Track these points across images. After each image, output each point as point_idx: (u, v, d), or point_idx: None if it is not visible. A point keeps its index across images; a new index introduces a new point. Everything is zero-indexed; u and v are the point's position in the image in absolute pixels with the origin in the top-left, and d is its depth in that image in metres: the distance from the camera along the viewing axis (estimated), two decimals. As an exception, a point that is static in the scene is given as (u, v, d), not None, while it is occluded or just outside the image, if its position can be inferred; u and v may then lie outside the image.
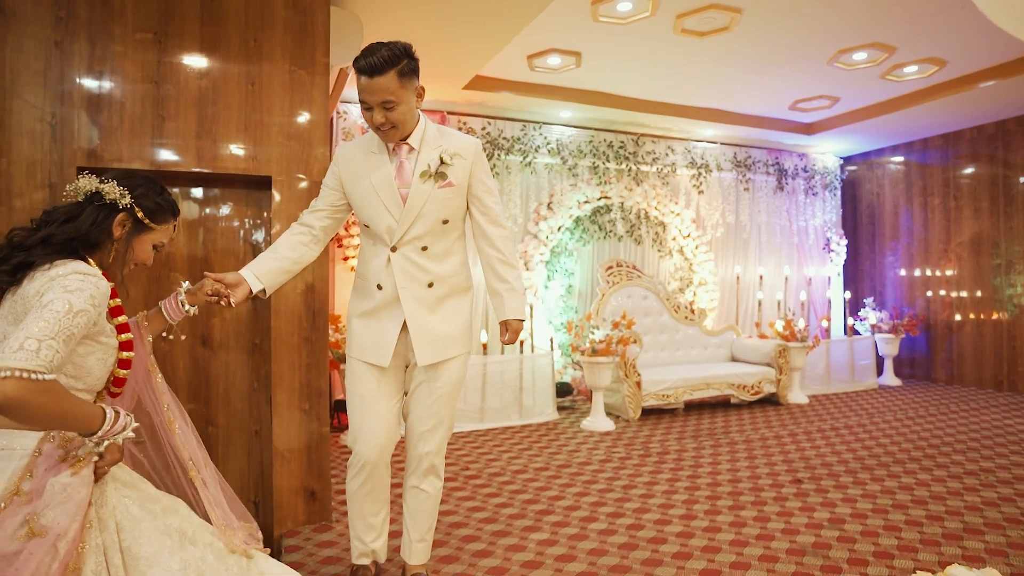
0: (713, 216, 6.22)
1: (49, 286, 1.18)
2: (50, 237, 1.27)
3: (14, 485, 1.14)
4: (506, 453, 3.79)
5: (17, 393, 1.02)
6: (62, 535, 1.13)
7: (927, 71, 4.67)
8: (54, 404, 1.08)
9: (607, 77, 4.84)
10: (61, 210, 1.33)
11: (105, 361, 1.31)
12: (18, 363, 1.04)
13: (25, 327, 1.09)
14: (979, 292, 5.97)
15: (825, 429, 4.31)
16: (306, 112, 2.63)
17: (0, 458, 1.17)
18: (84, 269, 1.23)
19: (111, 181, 1.35)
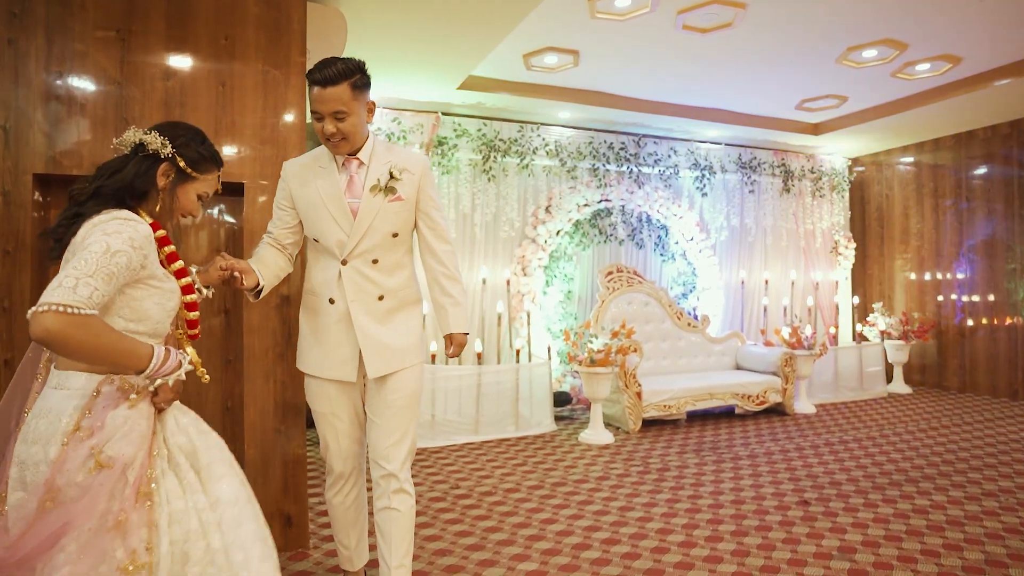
0: (717, 219, 6.04)
1: (91, 231, 1.25)
2: (100, 189, 1.33)
3: (75, 422, 1.20)
4: (499, 469, 3.63)
5: (56, 326, 1.09)
6: (129, 463, 1.20)
7: (940, 69, 4.48)
8: (92, 338, 1.14)
9: (606, 76, 4.68)
10: (110, 164, 1.39)
11: (163, 305, 1.35)
12: (56, 298, 1.11)
13: (66, 268, 1.17)
14: (992, 296, 5.77)
15: (833, 443, 4.13)
16: (281, 115, 2.48)
17: (61, 397, 1.24)
18: (124, 215, 1.29)
19: (153, 132, 1.39)
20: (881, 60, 4.31)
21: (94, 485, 1.16)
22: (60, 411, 1.22)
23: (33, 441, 1.21)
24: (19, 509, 1.17)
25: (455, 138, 5.00)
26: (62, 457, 1.17)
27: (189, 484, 1.28)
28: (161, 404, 1.29)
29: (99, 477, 1.16)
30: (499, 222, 5.17)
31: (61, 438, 1.19)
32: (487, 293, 5.06)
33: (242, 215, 2.45)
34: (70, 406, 1.22)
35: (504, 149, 5.14)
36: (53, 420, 1.22)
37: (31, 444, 1.21)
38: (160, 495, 1.24)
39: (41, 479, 1.17)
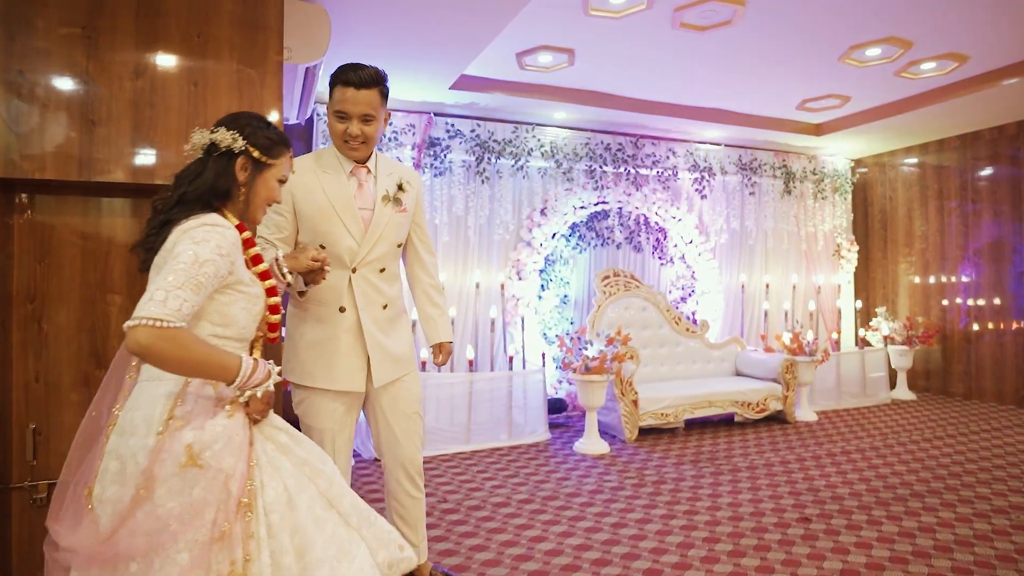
0: (717, 222, 5.92)
1: (180, 238, 1.26)
2: (184, 196, 1.35)
3: (168, 411, 1.24)
4: (490, 481, 3.52)
5: (147, 340, 1.13)
6: (231, 475, 1.22)
7: (946, 67, 4.36)
8: (183, 351, 1.17)
9: (603, 76, 4.56)
10: (188, 169, 1.39)
11: (250, 310, 1.37)
12: (147, 312, 1.15)
13: (156, 280, 1.20)
14: (998, 300, 5.65)
15: (835, 453, 4.01)
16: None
17: (153, 388, 1.27)
18: (212, 220, 1.30)
19: (220, 129, 1.39)
20: (885, 59, 4.19)
21: (196, 492, 1.18)
22: (154, 401, 1.25)
23: (130, 433, 1.23)
24: (115, 503, 1.18)
25: (448, 139, 4.89)
26: (158, 447, 1.20)
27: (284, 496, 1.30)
28: (254, 415, 1.31)
29: (201, 483, 1.19)
30: (493, 225, 5.05)
31: (157, 427, 1.22)
32: (480, 298, 4.95)
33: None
34: (163, 396, 1.26)
35: (498, 150, 5.02)
36: (148, 411, 1.25)
37: (128, 436, 1.24)
38: (259, 507, 1.25)
39: (138, 469, 1.19)
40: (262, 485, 1.27)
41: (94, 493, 1.22)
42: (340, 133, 1.84)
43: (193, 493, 1.18)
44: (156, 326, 1.14)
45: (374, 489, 3.38)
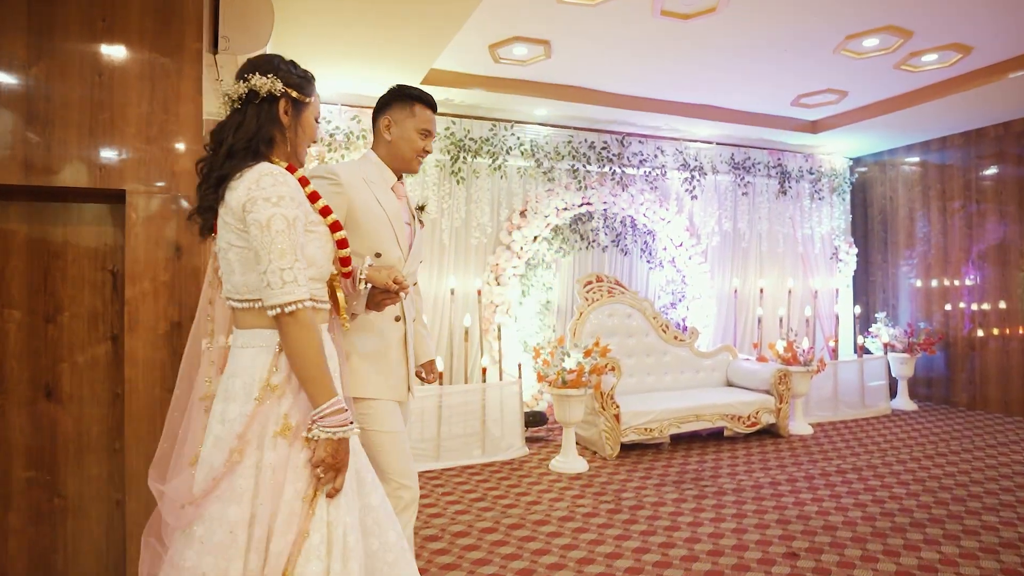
0: (708, 223, 5.65)
1: (251, 199, 1.23)
2: (231, 148, 1.30)
3: (265, 379, 1.26)
4: (454, 505, 3.26)
5: (308, 320, 1.21)
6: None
7: (949, 59, 4.09)
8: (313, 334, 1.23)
9: (583, 69, 4.30)
10: (227, 123, 1.35)
11: (323, 248, 1.36)
12: (297, 296, 1.20)
13: (268, 259, 1.21)
14: (1003, 304, 5.37)
15: (830, 472, 3.74)
16: (173, 109, 2.12)
17: (251, 355, 1.28)
18: (267, 170, 1.27)
19: (254, 75, 1.34)
20: (883, 50, 3.92)
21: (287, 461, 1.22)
22: (252, 367, 1.26)
23: (232, 398, 1.26)
24: (213, 466, 1.22)
25: (421, 137, 4.63)
26: (254, 413, 1.22)
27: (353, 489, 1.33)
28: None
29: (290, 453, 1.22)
30: (469, 228, 4.80)
31: (254, 393, 1.24)
32: (455, 305, 4.70)
33: (123, 229, 2.09)
34: (259, 362, 1.26)
35: (475, 149, 4.77)
36: (247, 378, 1.26)
37: (230, 402, 1.26)
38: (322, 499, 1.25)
39: (234, 433, 1.22)
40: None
41: (199, 456, 1.27)
42: (419, 150, 1.87)
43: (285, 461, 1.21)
44: (309, 307, 1.21)
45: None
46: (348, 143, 4.45)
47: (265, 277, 1.21)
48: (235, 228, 1.27)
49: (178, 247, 2.11)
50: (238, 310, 1.32)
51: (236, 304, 1.32)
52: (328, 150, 4.41)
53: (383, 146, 1.89)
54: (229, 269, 1.31)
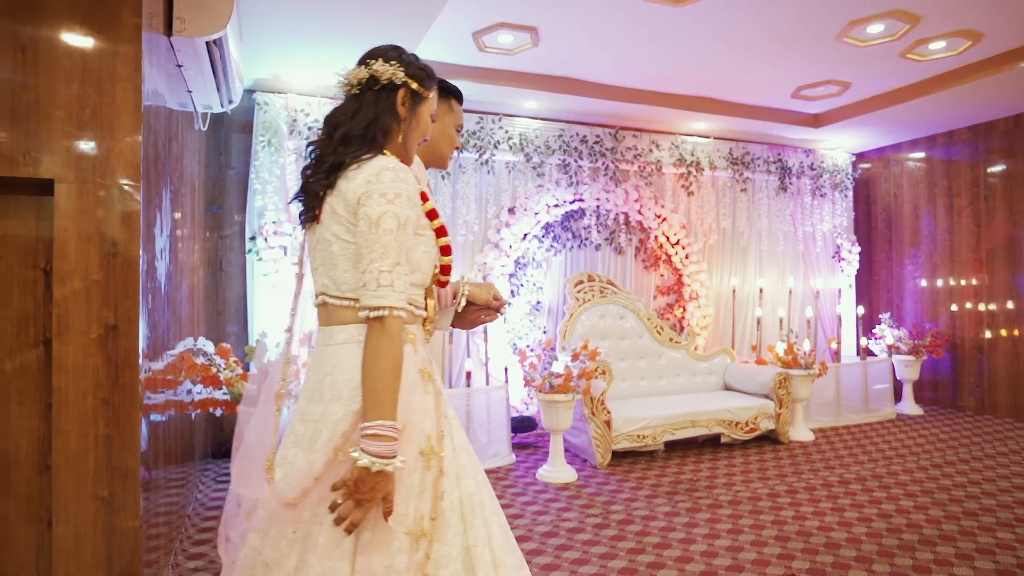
0: (706, 221, 5.45)
1: (367, 193, 1.18)
2: (348, 135, 1.25)
3: None
4: (432, 519, 3.06)
5: (396, 328, 1.15)
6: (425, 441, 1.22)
7: (958, 47, 3.88)
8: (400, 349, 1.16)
9: (573, 59, 4.10)
10: (342, 108, 1.30)
11: (429, 253, 1.30)
12: (391, 302, 1.14)
13: (370, 258, 1.16)
14: (1011, 304, 5.16)
15: (832, 483, 3.54)
16: (107, 91, 1.92)
17: (350, 352, 1.21)
18: (388, 163, 1.21)
19: (376, 60, 1.29)
20: (889, 36, 3.72)
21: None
22: (355, 365, 1.19)
23: (331, 398, 1.19)
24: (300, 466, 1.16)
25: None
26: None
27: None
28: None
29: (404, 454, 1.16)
30: (455, 225, 4.60)
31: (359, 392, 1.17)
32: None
33: (52, 223, 1.89)
34: (358, 359, 1.19)
35: (461, 143, 4.56)
36: (352, 376, 1.19)
37: (328, 401, 1.19)
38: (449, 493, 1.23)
39: (337, 432, 1.16)
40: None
41: (277, 456, 1.21)
42: (454, 145, 1.73)
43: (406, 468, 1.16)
44: (399, 316, 1.15)
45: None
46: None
47: (363, 277, 1.17)
48: (345, 220, 1.21)
49: (114, 243, 1.92)
50: (335, 306, 1.25)
51: (333, 300, 1.25)
52: (306, 144, 4.20)
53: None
54: (331, 263, 1.23)
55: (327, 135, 1.28)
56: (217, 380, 3.21)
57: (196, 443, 3.57)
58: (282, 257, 4.10)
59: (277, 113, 4.17)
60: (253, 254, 4.11)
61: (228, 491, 1.28)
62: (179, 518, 2.90)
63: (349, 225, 1.20)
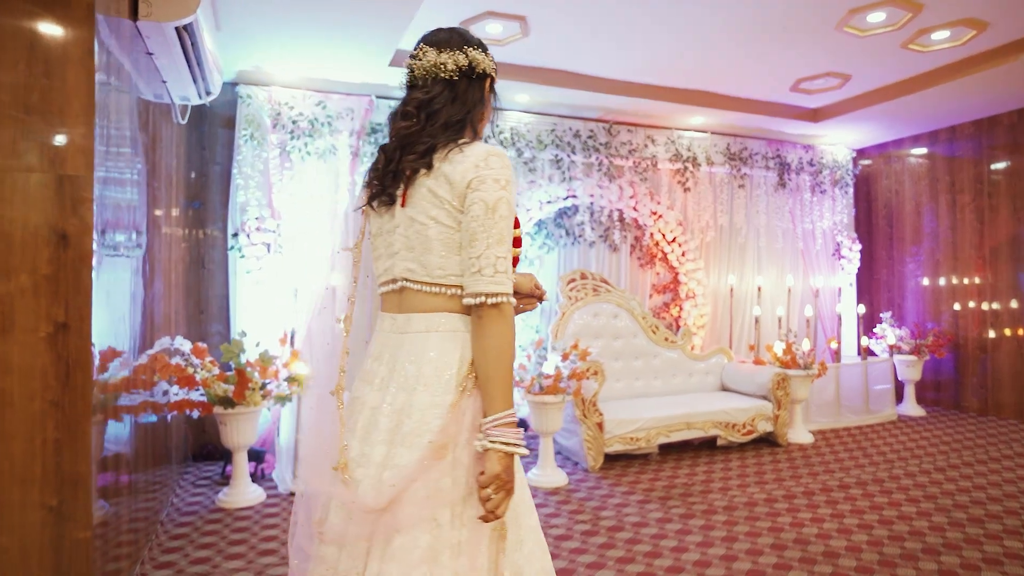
0: (703, 218, 5.33)
1: (479, 178, 1.15)
2: (449, 120, 1.22)
3: (462, 368, 1.15)
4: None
5: (510, 314, 1.13)
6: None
7: (961, 37, 3.76)
8: (514, 337, 1.14)
9: (566, 51, 3.98)
10: (436, 94, 1.23)
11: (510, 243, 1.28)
12: (505, 288, 1.12)
13: (486, 244, 1.12)
14: (1015, 304, 5.03)
15: (832, 487, 3.42)
16: (57, 73, 1.81)
17: (437, 340, 1.17)
18: (492, 149, 1.19)
19: (470, 48, 1.26)
20: (890, 26, 3.59)
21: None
22: (442, 354, 1.16)
23: (423, 386, 1.14)
24: (402, 468, 1.10)
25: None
26: (456, 403, 1.12)
27: None
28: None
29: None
30: (445, 222, 4.48)
31: (456, 382, 1.14)
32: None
33: (-5, 213, 1.78)
34: (449, 348, 1.17)
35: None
36: (438, 364, 1.15)
37: (413, 391, 1.15)
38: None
39: (427, 427, 1.11)
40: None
41: (352, 453, 1.15)
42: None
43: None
44: (511, 302, 1.13)
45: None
46: (313, 130, 4.14)
47: (477, 262, 1.12)
48: (448, 204, 1.16)
49: (64, 235, 1.80)
50: (419, 292, 1.19)
51: (418, 286, 1.19)
52: (291, 138, 4.10)
53: None
54: (425, 247, 1.17)
55: (422, 119, 1.22)
56: (193, 381, 3.09)
57: (173, 446, 3.46)
58: (265, 254, 3.98)
59: (260, 106, 4.06)
60: (235, 251, 3.99)
61: (296, 494, 1.22)
62: (150, 524, 2.79)
63: (452, 210, 1.16)
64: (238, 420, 3.20)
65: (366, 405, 1.19)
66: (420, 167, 1.18)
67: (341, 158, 4.23)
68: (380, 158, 1.24)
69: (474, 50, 1.26)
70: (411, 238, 1.19)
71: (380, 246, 1.26)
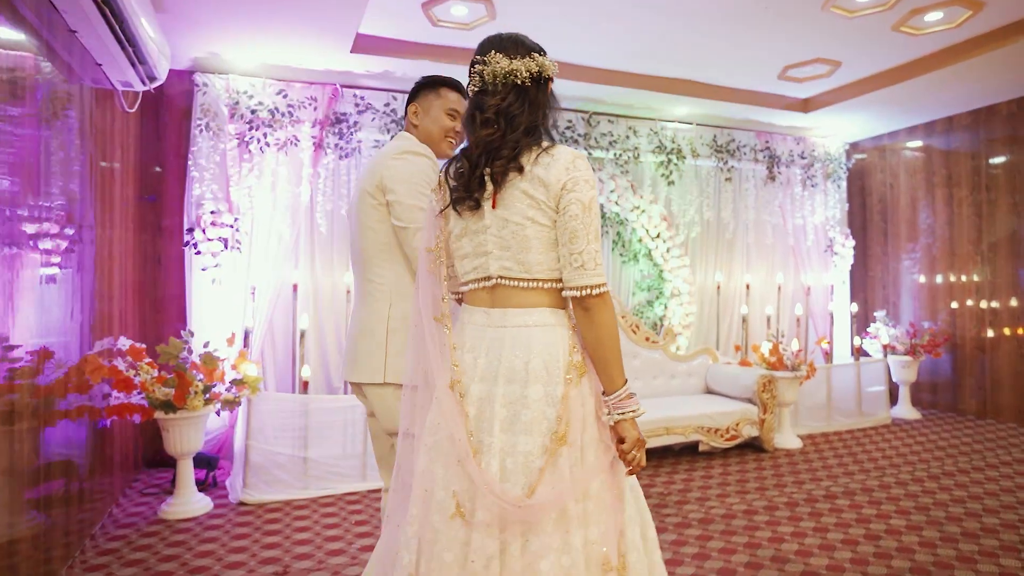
0: (688, 212, 5.12)
1: (573, 180, 1.23)
2: (529, 125, 1.28)
3: (568, 357, 1.25)
4: (363, 539, 2.73)
5: (610, 304, 1.25)
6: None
7: (956, 18, 3.54)
8: (613, 316, 1.25)
9: (536, 35, 3.71)
10: (513, 100, 1.29)
11: None
12: (603, 279, 1.23)
13: (586, 240, 1.22)
14: (1016, 302, 4.82)
15: (817, 497, 3.21)
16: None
17: (535, 333, 1.25)
18: (576, 152, 1.28)
19: (537, 54, 1.33)
20: (879, 6, 3.38)
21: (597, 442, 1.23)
22: (548, 346, 1.24)
23: (535, 379, 1.22)
24: (528, 455, 1.18)
25: (357, 114, 4.12)
26: (566, 394, 1.21)
27: None
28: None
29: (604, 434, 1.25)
30: (415, 216, 4.27)
31: (563, 372, 1.23)
32: (398, 302, 4.17)
33: None
34: (554, 339, 1.25)
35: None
36: (546, 356, 1.23)
37: (526, 383, 1.22)
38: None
39: (544, 416, 1.20)
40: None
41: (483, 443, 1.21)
42: (448, 129, 1.80)
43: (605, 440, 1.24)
44: (604, 293, 1.23)
45: (208, 554, 2.61)
46: (273, 120, 3.94)
47: (579, 258, 1.22)
48: (544, 205, 1.24)
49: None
50: (516, 288, 1.27)
51: (515, 283, 1.27)
52: (249, 128, 3.90)
53: (413, 133, 1.80)
54: (524, 246, 1.25)
55: (502, 125, 1.27)
56: (130, 383, 2.89)
57: (117, 452, 3.26)
58: (222, 250, 3.78)
59: (217, 95, 3.86)
60: (190, 247, 3.79)
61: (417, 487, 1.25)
62: (77, 538, 2.59)
63: (548, 210, 1.24)
64: (181, 425, 3.00)
65: (473, 396, 1.25)
66: (512, 171, 1.25)
67: (303, 149, 4.03)
68: (464, 163, 1.29)
69: (540, 56, 1.33)
70: (506, 238, 1.26)
71: (465, 246, 1.32)
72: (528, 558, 1.14)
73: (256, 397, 3.23)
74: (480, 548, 1.14)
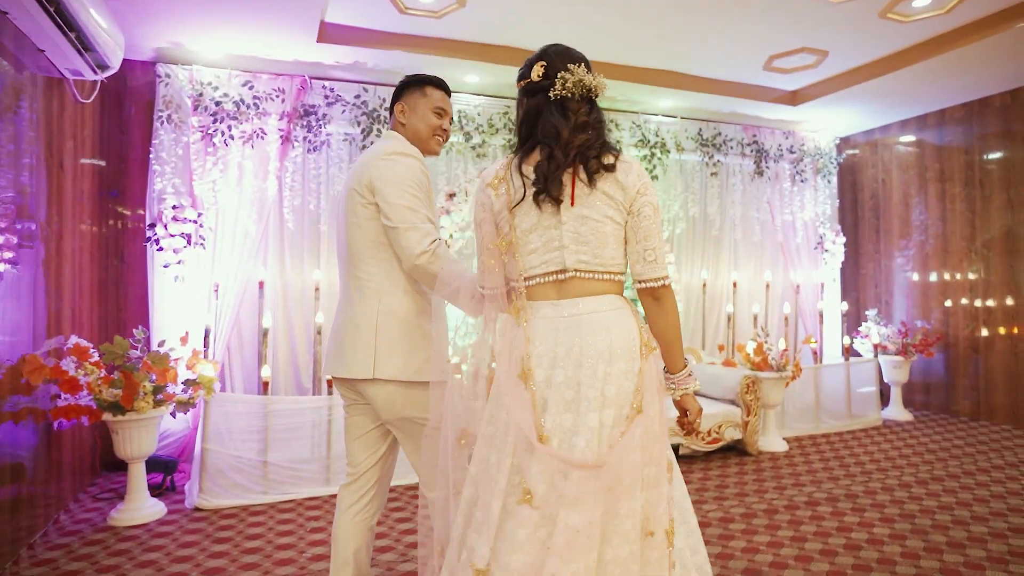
0: (672, 208, 4.98)
1: (644, 185, 1.38)
2: (605, 134, 1.43)
3: (641, 337, 1.38)
4: (317, 547, 2.60)
5: (673, 294, 1.40)
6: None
7: (945, 4, 3.40)
8: (677, 316, 1.43)
9: (509, 24, 3.64)
10: (585, 115, 1.40)
11: None
12: (668, 272, 1.42)
13: (657, 238, 1.38)
14: (1011, 300, 4.67)
15: (798, 504, 3.07)
16: None
17: (611, 317, 1.38)
18: (638, 160, 1.42)
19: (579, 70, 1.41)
20: (863, -10, 3.24)
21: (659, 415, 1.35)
22: (624, 328, 1.37)
23: (617, 357, 1.33)
24: (612, 428, 1.31)
25: (326, 107, 3.99)
26: (643, 369, 1.34)
27: None
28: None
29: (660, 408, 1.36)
30: (387, 212, 4.14)
31: (638, 350, 1.36)
32: (369, 301, 4.04)
33: None
34: (627, 322, 1.38)
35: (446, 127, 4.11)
36: (625, 337, 1.35)
37: (614, 361, 1.33)
38: None
39: (622, 390, 1.32)
40: None
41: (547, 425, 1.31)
42: (436, 127, 1.84)
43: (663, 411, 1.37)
44: (668, 285, 1.39)
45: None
46: (239, 112, 3.81)
47: (652, 253, 1.37)
48: (620, 206, 1.36)
49: None
50: (591, 279, 1.38)
51: (591, 275, 1.38)
52: (214, 121, 3.77)
53: (401, 132, 1.83)
54: (601, 241, 1.37)
55: (591, 132, 1.38)
56: (76, 384, 2.75)
57: (68, 456, 3.12)
58: (184, 246, 3.65)
59: (181, 87, 3.73)
60: (152, 243, 3.66)
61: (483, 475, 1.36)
62: (13, 547, 2.46)
63: (623, 210, 1.37)
64: (131, 428, 2.87)
65: (554, 381, 1.33)
66: (604, 172, 1.36)
67: (270, 142, 3.90)
68: (545, 164, 1.36)
69: (589, 74, 1.42)
70: (583, 233, 1.36)
71: (534, 241, 1.40)
72: (613, 520, 1.26)
73: (212, 398, 3.10)
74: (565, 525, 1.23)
